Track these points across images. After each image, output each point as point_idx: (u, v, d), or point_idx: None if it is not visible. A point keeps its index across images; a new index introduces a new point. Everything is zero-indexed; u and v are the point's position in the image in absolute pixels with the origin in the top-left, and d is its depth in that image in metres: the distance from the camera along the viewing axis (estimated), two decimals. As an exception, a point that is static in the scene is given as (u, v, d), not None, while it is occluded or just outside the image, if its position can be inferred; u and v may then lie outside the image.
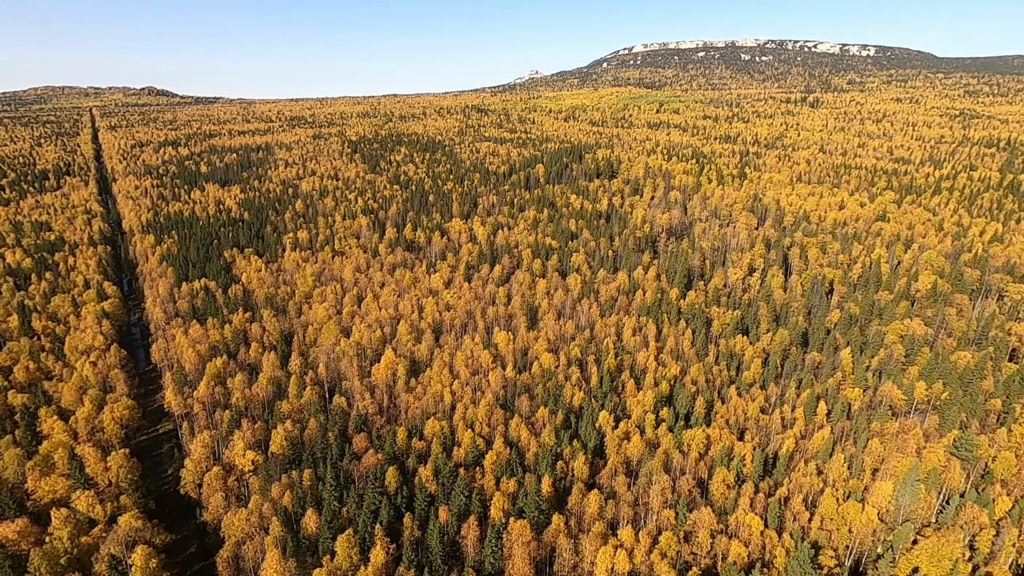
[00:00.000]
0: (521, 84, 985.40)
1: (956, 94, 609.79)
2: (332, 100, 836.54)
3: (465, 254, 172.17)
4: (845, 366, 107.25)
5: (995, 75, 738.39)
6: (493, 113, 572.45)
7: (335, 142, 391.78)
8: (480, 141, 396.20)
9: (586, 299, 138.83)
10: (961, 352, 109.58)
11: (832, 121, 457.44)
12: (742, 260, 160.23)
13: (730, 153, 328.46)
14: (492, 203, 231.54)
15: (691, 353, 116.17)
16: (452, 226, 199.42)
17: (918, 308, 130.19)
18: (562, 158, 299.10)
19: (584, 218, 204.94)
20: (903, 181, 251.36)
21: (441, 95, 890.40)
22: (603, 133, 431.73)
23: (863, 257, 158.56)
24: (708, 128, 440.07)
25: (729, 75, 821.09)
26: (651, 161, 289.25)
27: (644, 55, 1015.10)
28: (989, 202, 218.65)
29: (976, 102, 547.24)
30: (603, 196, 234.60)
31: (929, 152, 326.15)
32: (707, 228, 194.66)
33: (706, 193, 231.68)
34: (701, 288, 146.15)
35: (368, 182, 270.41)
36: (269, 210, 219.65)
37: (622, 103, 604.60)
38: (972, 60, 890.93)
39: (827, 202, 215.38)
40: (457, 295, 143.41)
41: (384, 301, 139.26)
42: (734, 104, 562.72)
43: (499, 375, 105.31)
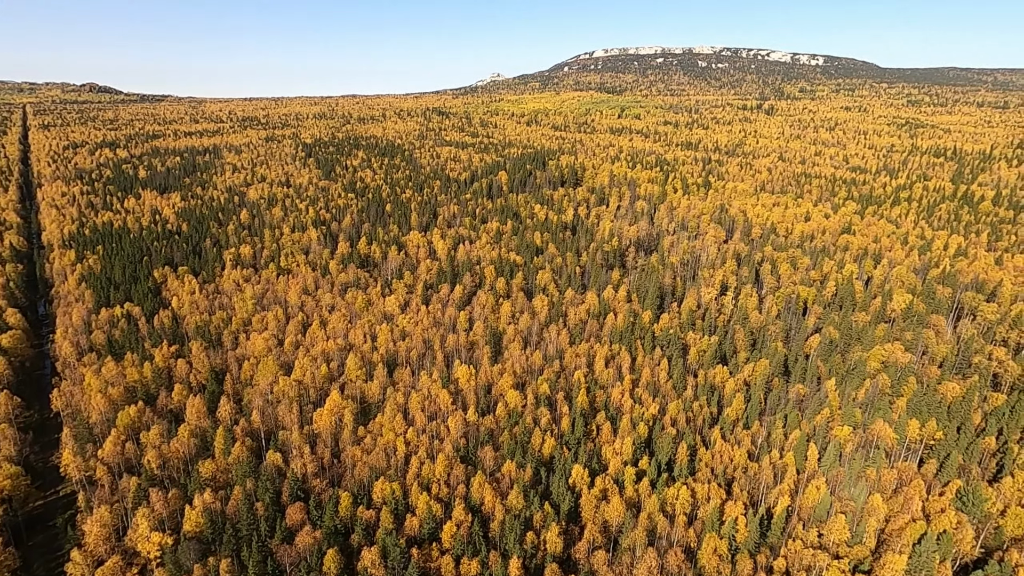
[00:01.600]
0: (483, 86, 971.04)
1: (900, 103, 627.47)
2: (288, 100, 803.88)
3: (424, 272, 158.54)
4: (832, 400, 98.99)
5: (934, 86, 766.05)
6: (454, 116, 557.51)
7: (288, 145, 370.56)
8: (441, 145, 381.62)
9: (554, 324, 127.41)
10: (947, 383, 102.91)
11: (788, 128, 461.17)
12: (714, 278, 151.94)
13: (693, 160, 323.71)
14: (453, 213, 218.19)
15: (668, 387, 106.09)
16: (410, 239, 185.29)
17: (896, 330, 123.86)
18: (525, 164, 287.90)
19: (550, 231, 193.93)
20: (862, 191, 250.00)
21: (402, 96, 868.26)
22: (566, 138, 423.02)
23: (834, 273, 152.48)
24: (669, 134, 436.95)
25: (687, 81, 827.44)
26: (616, 169, 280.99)
27: (605, 60, 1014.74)
28: (947, 213, 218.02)
29: (919, 111, 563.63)
30: (568, 206, 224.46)
31: (883, 161, 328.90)
32: (676, 241, 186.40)
33: (672, 203, 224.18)
34: (674, 310, 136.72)
35: (321, 190, 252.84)
36: (211, 221, 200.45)
37: (584, 108, 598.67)
38: (912, 71, 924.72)
39: (792, 213, 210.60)
40: (414, 320, 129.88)
41: (333, 329, 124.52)
42: (693, 110, 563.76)
43: (459, 420, 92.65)
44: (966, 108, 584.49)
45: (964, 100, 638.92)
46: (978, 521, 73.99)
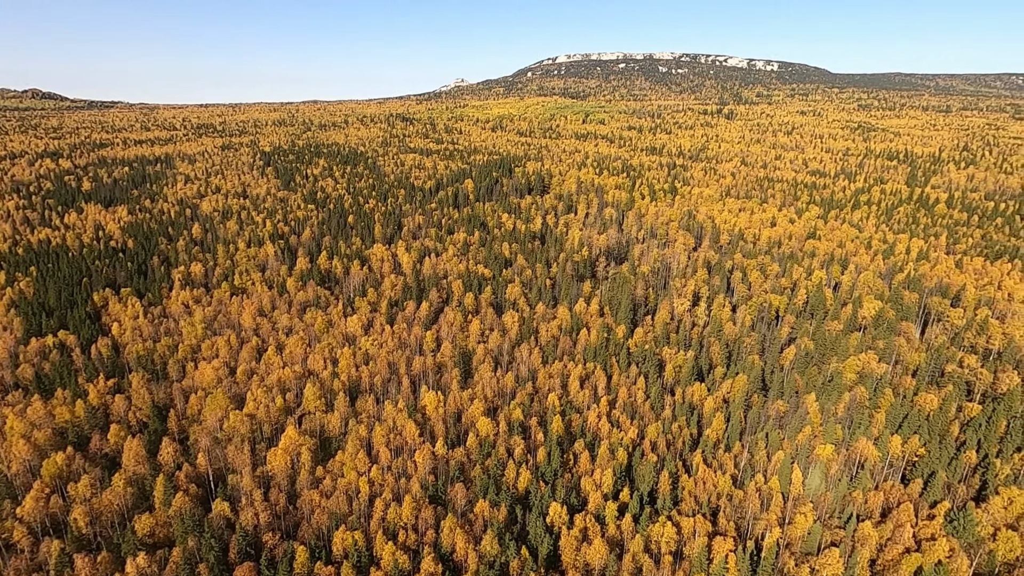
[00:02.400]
0: (447, 92, 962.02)
1: (852, 107, 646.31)
2: (246, 106, 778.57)
3: (388, 288, 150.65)
4: (812, 417, 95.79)
5: (881, 90, 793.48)
6: (419, 122, 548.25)
7: (246, 153, 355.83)
8: (405, 152, 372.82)
9: (526, 343, 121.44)
10: (924, 394, 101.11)
11: (748, 133, 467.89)
12: (686, 287, 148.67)
13: (658, 166, 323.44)
14: (418, 224, 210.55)
15: (646, 407, 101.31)
16: (374, 252, 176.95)
17: (868, 338, 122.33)
18: (492, 172, 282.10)
19: (518, 241, 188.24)
20: (824, 195, 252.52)
21: (365, 102, 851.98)
22: (531, 144, 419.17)
23: (803, 280, 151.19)
24: (634, 139, 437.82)
25: (648, 86, 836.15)
26: (583, 175, 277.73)
27: (568, 65, 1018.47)
28: (905, 216, 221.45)
29: (870, 115, 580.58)
30: (536, 215, 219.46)
31: (840, 164, 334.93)
32: (646, 250, 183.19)
33: (640, 210, 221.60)
34: (648, 323, 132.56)
35: (280, 200, 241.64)
36: (159, 236, 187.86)
37: (548, 113, 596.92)
38: (861, 76, 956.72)
39: (758, 218, 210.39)
40: (378, 342, 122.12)
41: (290, 354, 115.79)
42: (656, 115, 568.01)
43: (428, 454, 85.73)
44: (912, 112, 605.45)
45: (910, 104, 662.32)
46: (969, 546, 71.19)
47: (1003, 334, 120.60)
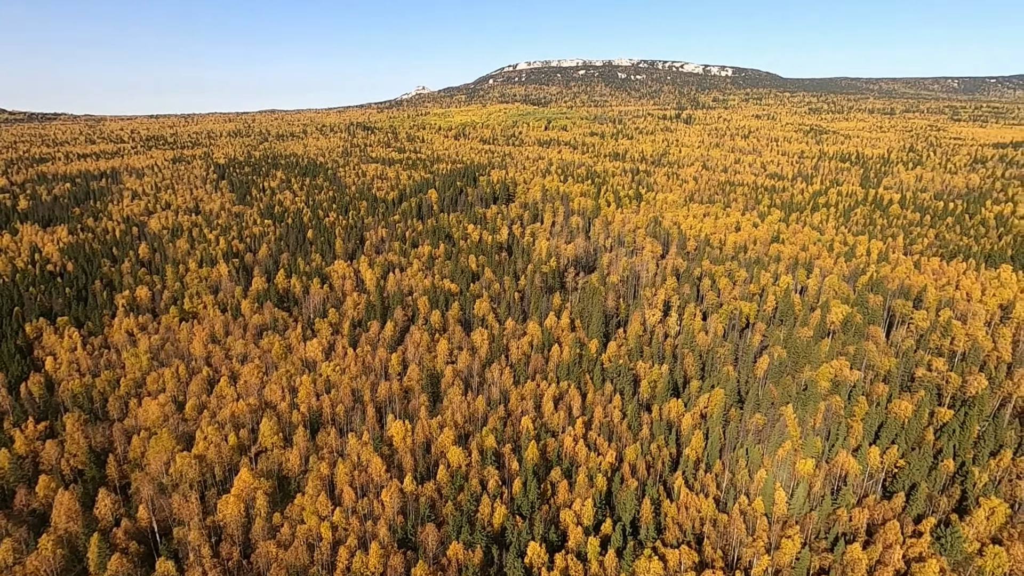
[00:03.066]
0: (408, 100, 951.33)
1: (803, 111, 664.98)
2: (199, 117, 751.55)
3: (350, 307, 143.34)
4: (791, 430, 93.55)
5: (830, 94, 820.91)
6: (380, 131, 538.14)
7: (199, 166, 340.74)
8: (367, 162, 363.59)
9: (496, 362, 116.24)
10: (897, 401, 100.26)
11: (707, 137, 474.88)
12: (656, 297, 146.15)
13: (622, 172, 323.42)
14: (381, 237, 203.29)
15: (623, 427, 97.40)
16: (335, 269, 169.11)
17: (838, 344, 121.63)
18: (455, 181, 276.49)
19: (485, 252, 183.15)
20: (784, 198, 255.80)
21: (324, 111, 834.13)
22: (495, 151, 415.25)
23: (771, 286, 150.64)
24: (597, 145, 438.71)
25: (608, 92, 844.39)
26: (548, 183, 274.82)
27: (528, 72, 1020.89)
28: (862, 217, 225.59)
29: (820, 119, 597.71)
30: (502, 224, 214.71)
31: (797, 167, 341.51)
32: (614, 259, 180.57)
33: (607, 217, 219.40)
34: (621, 336, 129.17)
35: (235, 216, 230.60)
36: (102, 258, 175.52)
37: (511, 120, 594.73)
38: (810, 81, 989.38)
39: (723, 223, 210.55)
40: (340, 367, 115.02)
41: (245, 385, 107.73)
42: (617, 120, 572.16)
43: (395, 492, 79.58)
44: (860, 115, 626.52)
45: (857, 107, 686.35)
46: (958, 564, 69.35)
47: (966, 335, 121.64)
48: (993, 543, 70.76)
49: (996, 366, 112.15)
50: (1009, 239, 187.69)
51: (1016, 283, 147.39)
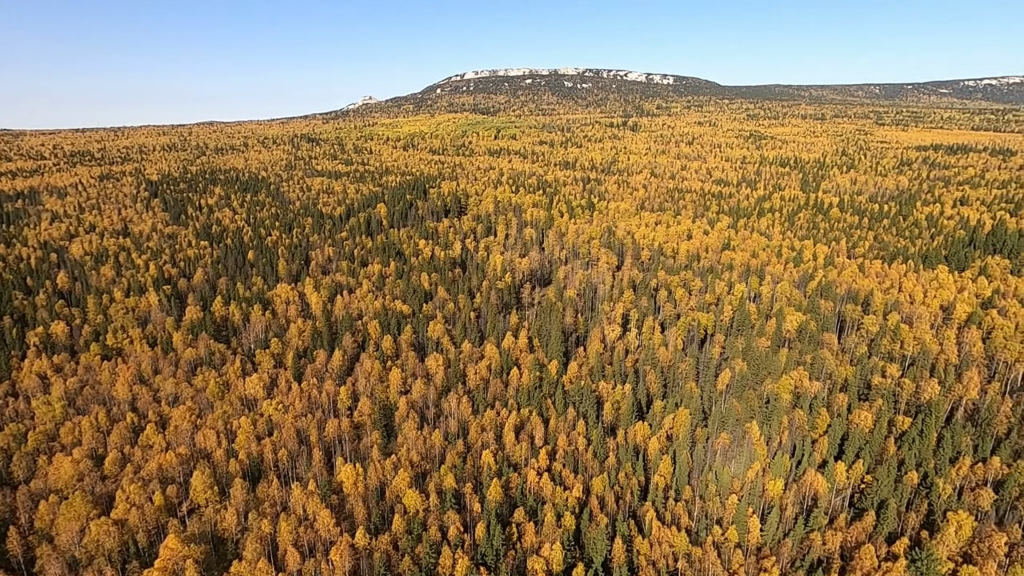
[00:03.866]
0: (355, 110, 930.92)
1: (741, 117, 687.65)
2: (130, 130, 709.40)
3: (295, 335, 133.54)
4: (758, 448, 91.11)
5: (765, 101, 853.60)
6: (326, 143, 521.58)
7: (129, 184, 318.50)
8: (312, 176, 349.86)
9: (453, 391, 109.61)
10: (857, 411, 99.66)
11: (653, 144, 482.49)
12: (615, 312, 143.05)
13: (573, 181, 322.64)
14: (328, 256, 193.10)
15: (588, 455, 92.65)
16: (278, 294, 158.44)
17: (796, 353, 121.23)
18: (405, 194, 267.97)
19: (438, 270, 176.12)
20: (731, 204, 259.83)
21: (267, 122, 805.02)
22: (445, 162, 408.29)
23: (726, 295, 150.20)
24: (547, 154, 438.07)
25: (556, 101, 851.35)
26: (499, 194, 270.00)
27: (476, 81, 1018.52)
28: (805, 221, 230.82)
29: (758, 124, 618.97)
30: (455, 239, 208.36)
31: (740, 173, 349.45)
32: (570, 272, 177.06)
33: (560, 228, 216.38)
34: (581, 355, 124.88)
35: (168, 238, 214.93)
36: (13, 290, 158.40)
37: (460, 129, 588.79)
38: (747, 88, 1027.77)
39: (675, 231, 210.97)
40: (284, 405, 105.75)
41: (175, 431, 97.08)
42: (565, 128, 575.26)
43: (346, 548, 71.80)
44: (794, 120, 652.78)
45: (791, 113, 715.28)
46: (935, 587, 67.69)
47: (915, 339, 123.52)
48: (965, 561, 69.60)
49: (945, 368, 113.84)
50: (941, 239, 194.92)
51: (953, 284, 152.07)
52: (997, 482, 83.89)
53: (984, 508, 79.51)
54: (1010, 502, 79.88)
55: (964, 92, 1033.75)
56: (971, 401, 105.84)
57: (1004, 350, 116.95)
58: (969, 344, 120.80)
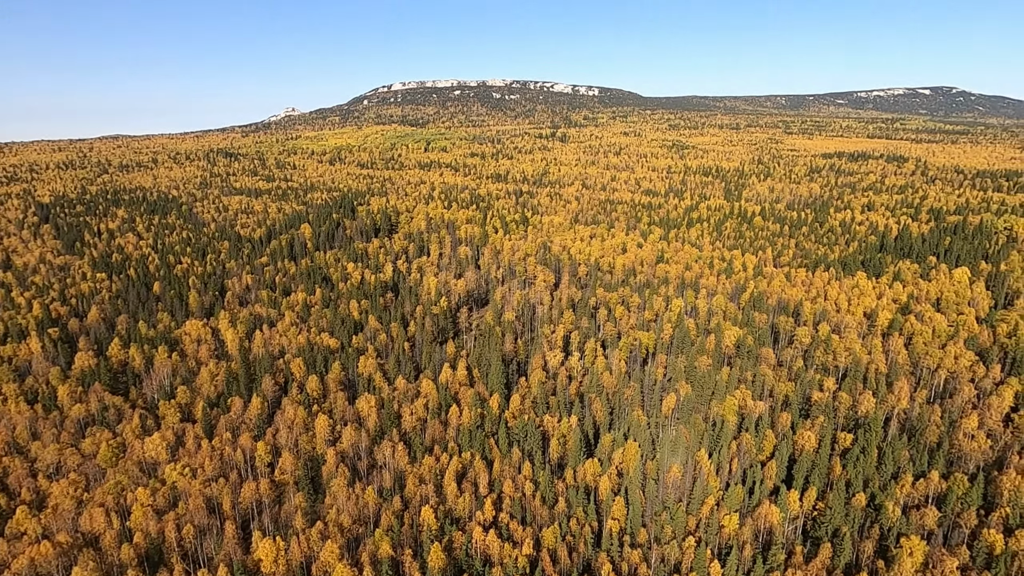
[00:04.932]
0: (277, 122, 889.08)
1: (664, 127, 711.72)
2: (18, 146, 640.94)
3: (207, 380, 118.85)
4: (710, 480, 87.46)
5: (684, 111, 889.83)
6: (245, 157, 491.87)
7: (14, 207, 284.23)
8: (229, 194, 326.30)
9: (387, 437, 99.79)
10: (802, 431, 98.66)
11: (582, 155, 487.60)
12: (555, 335, 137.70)
13: (506, 194, 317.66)
14: (246, 285, 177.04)
15: (537, 502, 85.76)
16: (188, 331, 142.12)
17: (737, 371, 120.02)
18: (331, 213, 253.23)
19: (368, 296, 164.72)
20: (660, 215, 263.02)
21: (180, 136, 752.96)
22: (374, 177, 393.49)
23: (664, 312, 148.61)
24: (478, 166, 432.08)
25: (485, 112, 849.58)
26: (431, 210, 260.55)
27: (404, 93, 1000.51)
28: (732, 231, 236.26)
29: (679, 134, 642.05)
30: (386, 261, 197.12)
31: (667, 183, 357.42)
32: (507, 292, 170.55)
33: (495, 245, 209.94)
34: (523, 385, 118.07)
35: (59, 270, 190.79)
36: None
37: (389, 142, 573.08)
38: (667, 99, 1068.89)
39: (609, 245, 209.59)
40: (191, 467, 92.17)
41: (54, 512, 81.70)
42: (495, 140, 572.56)
43: (264, 650, 60.92)
44: (712, 130, 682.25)
45: (709, 123, 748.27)
46: (896, 624, 65.51)
47: (846, 349, 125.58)
48: (922, 591, 68.08)
49: (876, 378, 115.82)
50: (856, 245, 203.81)
51: (873, 291, 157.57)
52: (938, 498, 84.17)
53: (930, 527, 79.09)
54: (952, 518, 79.95)
55: (857, 102, 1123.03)
56: (903, 410, 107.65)
57: (926, 356, 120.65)
58: (894, 352, 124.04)
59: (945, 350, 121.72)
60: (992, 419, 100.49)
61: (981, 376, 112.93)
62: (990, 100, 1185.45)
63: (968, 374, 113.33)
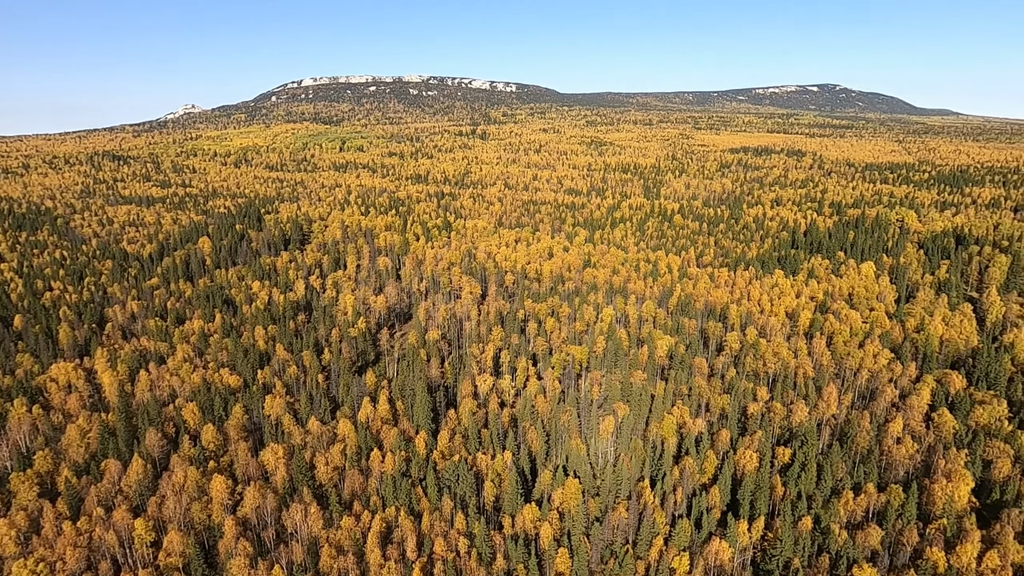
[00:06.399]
0: (175, 121, 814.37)
1: (581, 124, 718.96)
2: None
3: (74, 440, 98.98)
4: (657, 517, 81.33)
5: (601, 108, 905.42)
6: (136, 161, 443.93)
7: None
8: (116, 204, 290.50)
9: (298, 498, 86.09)
10: (742, 450, 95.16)
11: (503, 153, 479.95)
12: (485, 355, 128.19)
13: (426, 197, 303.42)
14: (131, 314, 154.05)
15: (472, 562, 75.81)
16: (55, 376, 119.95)
17: (673, 384, 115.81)
18: (235, 224, 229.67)
19: (276, 320, 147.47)
20: (584, 215, 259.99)
21: (58, 137, 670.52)
22: (285, 180, 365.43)
23: (595, 322, 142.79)
24: (397, 167, 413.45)
25: (402, 109, 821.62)
26: (347, 217, 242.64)
27: (315, 89, 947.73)
28: (654, 230, 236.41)
29: (597, 131, 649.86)
30: (297, 277, 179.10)
31: (589, 181, 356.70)
32: (432, 307, 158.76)
33: (417, 254, 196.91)
34: (452, 418, 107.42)
35: None
36: None
37: (301, 141, 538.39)
38: (583, 96, 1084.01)
39: (535, 250, 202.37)
40: (47, 561, 74.34)
41: None
42: (415, 138, 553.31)
43: None
44: (627, 126, 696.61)
45: (623, 119, 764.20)
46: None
47: (774, 355, 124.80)
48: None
49: (805, 383, 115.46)
50: (770, 242, 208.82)
51: (791, 289, 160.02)
52: (878, 513, 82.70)
53: (874, 546, 77.01)
54: (895, 535, 78.37)
55: (756, 99, 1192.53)
56: (833, 416, 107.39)
57: (848, 357, 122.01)
58: (818, 353, 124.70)
59: (864, 349, 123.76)
60: (914, 420, 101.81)
61: (899, 374, 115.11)
62: (867, 96, 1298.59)
63: (888, 373, 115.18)
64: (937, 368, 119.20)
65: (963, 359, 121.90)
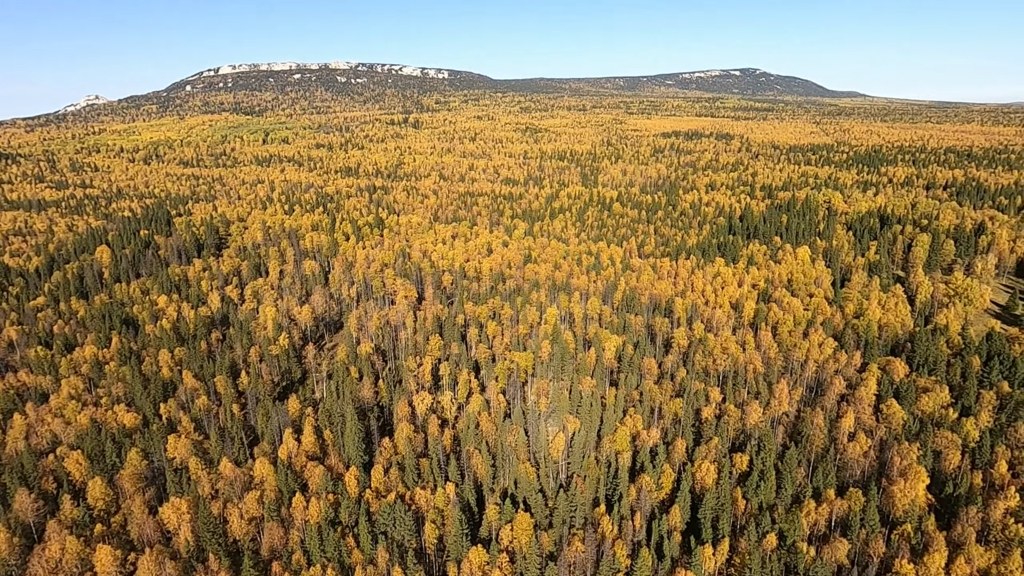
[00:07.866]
0: (75, 113, 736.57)
1: (515, 111, 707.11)
2: None
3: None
4: (618, 551, 73.55)
5: (534, 94, 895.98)
6: (28, 159, 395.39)
7: None
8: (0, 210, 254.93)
9: (203, 567, 72.32)
10: (700, 462, 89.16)
11: (437, 142, 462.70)
12: (422, 369, 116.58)
13: (357, 191, 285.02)
14: (10, 343, 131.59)
15: (415, 626, 65.47)
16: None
17: (623, 390, 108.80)
18: (139, 229, 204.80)
19: (185, 340, 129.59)
20: (522, 206, 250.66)
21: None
22: (201, 177, 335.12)
23: (539, 324, 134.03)
24: (325, 159, 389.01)
25: (330, 97, 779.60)
26: (269, 217, 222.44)
27: (235, 77, 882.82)
28: (594, 220, 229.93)
29: (531, 118, 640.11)
30: (211, 288, 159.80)
31: (525, 170, 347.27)
32: (363, 315, 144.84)
33: (347, 256, 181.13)
34: (388, 447, 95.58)
35: None
36: None
37: (219, 134, 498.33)
38: (516, 81, 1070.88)
39: (473, 246, 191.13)
40: None
41: None
42: (344, 128, 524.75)
43: None
44: (560, 112, 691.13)
45: (557, 105, 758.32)
46: None
47: (723, 351, 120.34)
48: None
49: (756, 379, 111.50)
50: (708, 228, 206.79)
51: (733, 277, 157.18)
52: (841, 522, 78.59)
53: (841, 561, 72.56)
54: (860, 546, 74.28)
55: (683, 83, 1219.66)
56: (785, 413, 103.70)
57: (794, 348, 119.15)
58: (766, 346, 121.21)
59: (809, 339, 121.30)
60: (864, 413, 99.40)
61: (844, 364, 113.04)
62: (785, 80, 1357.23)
63: (834, 364, 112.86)
64: (879, 354, 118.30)
65: (901, 344, 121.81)
